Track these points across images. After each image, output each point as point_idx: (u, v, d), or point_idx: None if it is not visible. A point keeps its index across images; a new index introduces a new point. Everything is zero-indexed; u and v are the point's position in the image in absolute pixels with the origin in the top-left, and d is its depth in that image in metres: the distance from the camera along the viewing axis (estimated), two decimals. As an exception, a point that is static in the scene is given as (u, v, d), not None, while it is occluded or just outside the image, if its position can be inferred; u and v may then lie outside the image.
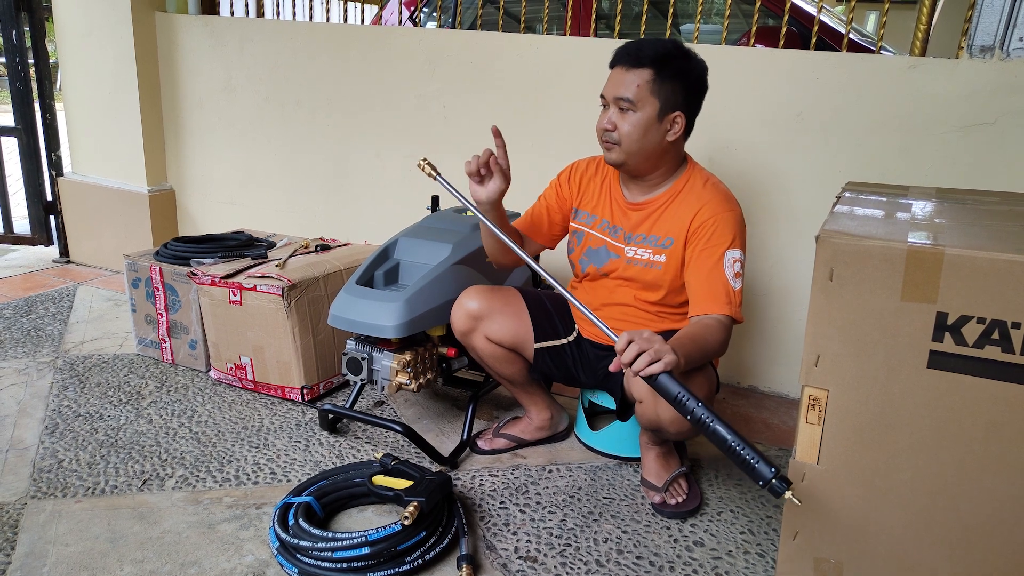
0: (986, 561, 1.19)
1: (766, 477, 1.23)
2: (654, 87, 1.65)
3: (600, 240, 1.85)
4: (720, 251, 1.66)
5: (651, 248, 1.77)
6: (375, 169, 3.05)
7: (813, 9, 3.07)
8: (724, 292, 1.64)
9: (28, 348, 2.60)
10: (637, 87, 1.64)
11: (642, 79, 1.64)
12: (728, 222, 1.68)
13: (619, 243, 1.82)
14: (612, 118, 1.69)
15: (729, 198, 1.73)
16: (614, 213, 1.84)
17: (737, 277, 1.65)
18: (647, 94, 1.65)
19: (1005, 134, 2.06)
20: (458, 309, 1.90)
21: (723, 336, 1.62)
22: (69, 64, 3.48)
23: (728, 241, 1.66)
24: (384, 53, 2.91)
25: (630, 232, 1.80)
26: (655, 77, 1.64)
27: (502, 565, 1.59)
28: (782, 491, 1.21)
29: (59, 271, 3.55)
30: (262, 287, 2.19)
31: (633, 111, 1.66)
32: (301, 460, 1.97)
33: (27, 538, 1.59)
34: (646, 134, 1.67)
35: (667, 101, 1.66)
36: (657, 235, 1.76)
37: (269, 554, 1.57)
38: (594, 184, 1.88)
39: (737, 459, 1.27)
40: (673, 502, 1.80)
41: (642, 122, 1.66)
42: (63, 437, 2.02)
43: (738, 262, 1.66)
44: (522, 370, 1.98)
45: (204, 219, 3.52)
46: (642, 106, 1.66)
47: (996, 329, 1.09)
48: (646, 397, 1.62)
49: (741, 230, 1.70)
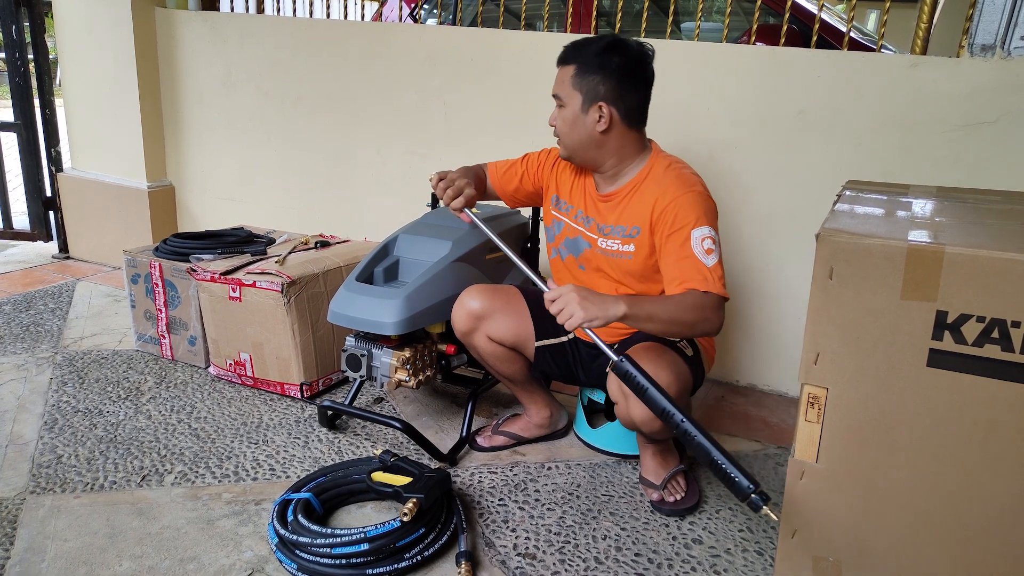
0: (985, 559, 1.19)
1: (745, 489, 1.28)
2: (576, 81, 1.71)
3: (576, 230, 1.88)
4: (685, 233, 1.64)
5: (620, 238, 1.78)
6: (375, 166, 3.04)
7: (814, 7, 3.07)
8: (696, 271, 1.61)
9: (27, 344, 2.60)
10: (563, 83, 1.73)
11: (567, 75, 1.72)
12: (688, 203, 1.66)
13: (592, 233, 1.84)
14: (554, 115, 1.78)
15: (688, 180, 1.72)
16: (587, 204, 1.86)
17: (709, 253, 1.62)
18: (571, 88, 1.71)
19: (1006, 133, 2.06)
20: (459, 309, 1.90)
21: (703, 309, 1.57)
22: (69, 60, 3.47)
23: (692, 221, 1.64)
24: (384, 50, 2.90)
25: (601, 223, 1.82)
26: (577, 71, 1.71)
27: (501, 562, 1.59)
28: (762, 505, 1.26)
29: (58, 267, 3.55)
30: (262, 283, 2.18)
31: (563, 106, 1.74)
32: (300, 456, 1.97)
33: (26, 533, 1.59)
34: (574, 127, 1.74)
35: (588, 93, 1.70)
36: (624, 225, 1.77)
37: (268, 550, 1.57)
38: (571, 174, 1.91)
39: (716, 470, 1.32)
40: (671, 500, 1.80)
41: (569, 116, 1.73)
42: (62, 433, 2.02)
43: (707, 239, 1.63)
44: (523, 369, 1.98)
45: (204, 215, 3.52)
46: (568, 101, 1.73)
47: (996, 328, 1.09)
48: (619, 398, 1.64)
49: (706, 208, 1.67)
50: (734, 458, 1.31)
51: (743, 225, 2.45)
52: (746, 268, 2.48)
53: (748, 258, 2.47)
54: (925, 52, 2.20)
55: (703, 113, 2.42)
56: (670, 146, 2.48)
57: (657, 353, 1.66)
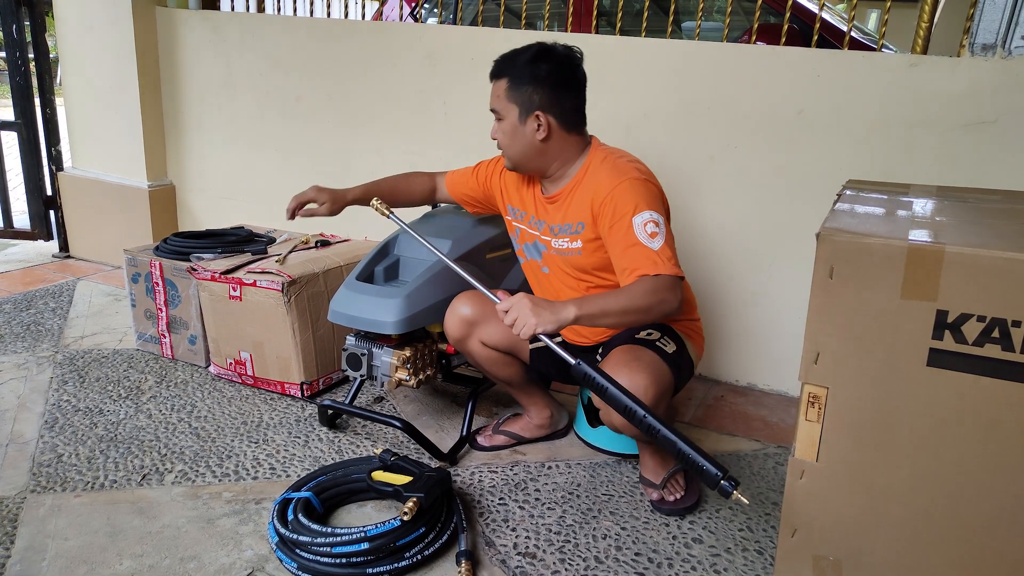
0: (985, 559, 1.19)
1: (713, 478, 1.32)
2: (510, 94, 1.73)
3: (532, 235, 1.91)
4: (627, 221, 1.63)
5: (567, 236, 1.80)
6: (375, 165, 3.04)
7: (815, 7, 3.07)
8: (644, 256, 1.60)
9: (28, 343, 2.60)
10: (498, 97, 1.75)
11: (500, 89, 1.75)
12: (623, 192, 1.66)
13: (546, 236, 1.86)
14: (494, 128, 1.80)
15: (622, 168, 1.71)
16: (536, 208, 1.88)
17: (653, 237, 1.61)
18: (507, 101, 1.74)
19: (1006, 132, 2.06)
20: (451, 316, 1.91)
21: (657, 292, 1.56)
22: (69, 59, 3.47)
23: (631, 209, 1.64)
24: (385, 49, 2.90)
25: (552, 223, 1.84)
26: (510, 84, 1.73)
27: (501, 561, 1.59)
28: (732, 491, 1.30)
29: (59, 266, 3.55)
30: (262, 283, 2.18)
31: (501, 120, 1.77)
32: (300, 455, 1.97)
33: (26, 532, 1.59)
34: (515, 139, 1.76)
35: (524, 104, 1.73)
36: (571, 223, 1.79)
37: (268, 549, 1.57)
38: (518, 180, 1.93)
39: (684, 460, 1.35)
40: (671, 499, 1.80)
41: (508, 129, 1.76)
42: (63, 432, 2.02)
43: (649, 223, 1.62)
44: (519, 372, 1.98)
45: (204, 214, 3.52)
46: (506, 113, 1.75)
47: (996, 327, 1.09)
48: (602, 403, 1.64)
49: (645, 193, 1.66)
50: (700, 449, 1.36)
51: (743, 224, 2.45)
52: (746, 268, 2.48)
53: (748, 258, 2.47)
54: (926, 52, 2.19)
55: (703, 112, 2.42)
56: (670, 146, 2.50)
57: (633, 356, 1.66)
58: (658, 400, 1.61)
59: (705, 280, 2.55)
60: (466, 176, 2.06)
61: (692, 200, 2.49)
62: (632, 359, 1.65)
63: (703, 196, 2.48)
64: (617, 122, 2.54)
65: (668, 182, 2.53)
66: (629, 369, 1.61)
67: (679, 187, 2.50)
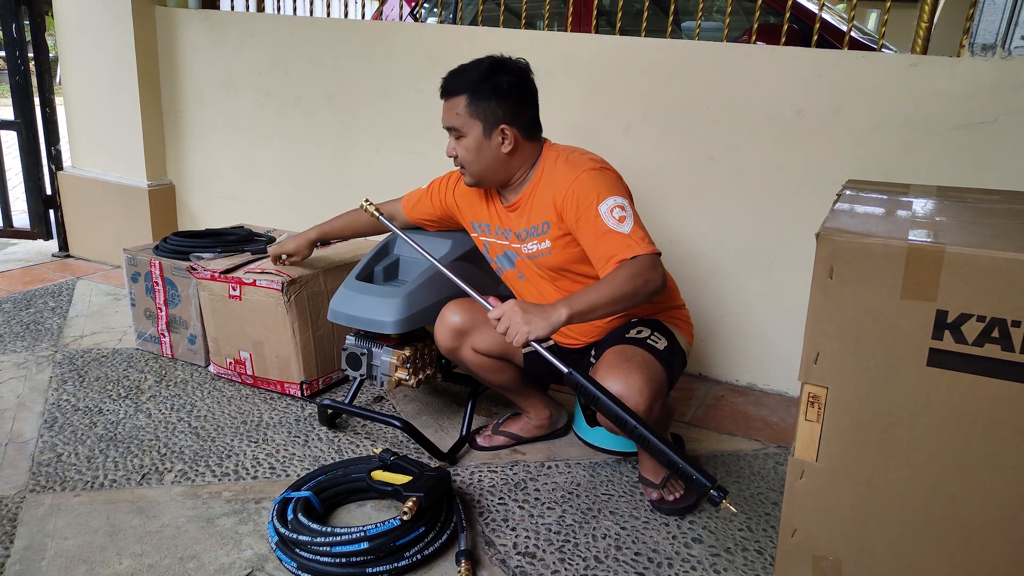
0: (985, 559, 1.19)
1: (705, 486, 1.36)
2: (471, 110, 1.72)
3: (501, 246, 1.91)
4: (592, 212, 1.64)
5: (535, 238, 1.80)
6: (375, 164, 3.04)
7: (814, 7, 3.07)
8: (617, 242, 1.61)
9: (27, 342, 2.60)
10: (456, 114, 1.73)
11: (459, 106, 1.73)
12: (583, 184, 1.67)
13: (515, 243, 1.86)
14: (452, 146, 1.78)
15: (576, 162, 1.73)
16: (501, 219, 1.89)
17: (622, 221, 1.62)
18: (468, 118, 1.73)
19: (1006, 132, 2.06)
20: (441, 326, 1.89)
21: (640, 274, 1.56)
22: (69, 58, 3.47)
23: (594, 199, 1.65)
24: (385, 49, 2.90)
25: (518, 231, 1.84)
26: (469, 101, 1.72)
27: (501, 561, 1.59)
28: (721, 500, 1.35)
29: (58, 265, 3.55)
30: (262, 282, 2.18)
31: (462, 136, 1.75)
32: (300, 455, 1.97)
33: (26, 531, 1.59)
34: (480, 153, 1.75)
35: (487, 119, 1.72)
36: (536, 224, 1.79)
37: (268, 548, 1.57)
38: (475, 195, 1.93)
39: (676, 470, 1.40)
40: (671, 498, 1.80)
41: (473, 144, 1.74)
42: (62, 431, 2.02)
43: (615, 208, 1.63)
44: (515, 376, 1.98)
45: (204, 214, 3.52)
46: (468, 130, 1.73)
47: (996, 327, 1.09)
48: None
49: (604, 182, 1.68)
50: (690, 458, 1.41)
51: (743, 224, 2.45)
52: (746, 268, 2.48)
53: (748, 258, 2.47)
54: (925, 52, 2.19)
55: (703, 112, 2.42)
56: (670, 146, 2.50)
57: (625, 357, 1.66)
58: (653, 400, 1.61)
59: (705, 280, 2.55)
60: (421, 198, 2.05)
61: (692, 200, 2.50)
62: (624, 360, 1.64)
63: (703, 196, 2.48)
64: (617, 122, 2.54)
65: (668, 182, 2.54)
66: (623, 371, 1.61)
67: (679, 187, 2.50)
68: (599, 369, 1.65)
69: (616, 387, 1.58)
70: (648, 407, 1.59)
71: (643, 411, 1.57)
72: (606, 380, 1.59)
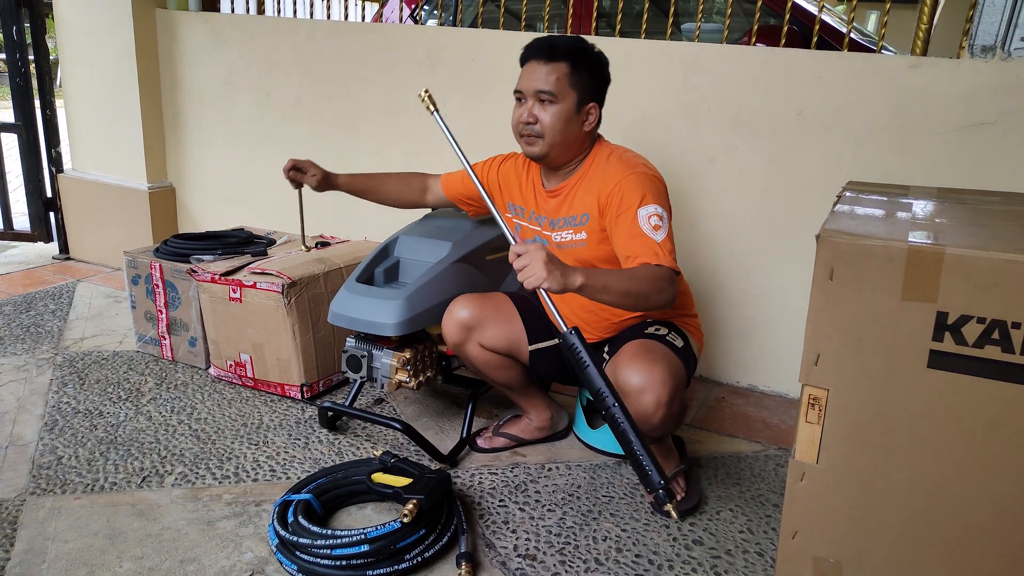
0: (985, 561, 1.19)
1: (654, 485, 1.36)
2: (572, 79, 1.71)
3: (532, 231, 1.91)
4: (632, 212, 1.65)
5: (571, 228, 1.80)
6: (375, 166, 3.04)
7: (814, 8, 3.07)
8: (646, 246, 1.62)
9: (28, 344, 2.60)
10: (556, 79, 1.70)
11: (560, 72, 1.70)
12: (632, 184, 1.68)
13: (547, 230, 1.86)
14: (533, 111, 1.73)
15: (630, 163, 1.74)
16: (537, 203, 1.88)
17: (656, 229, 1.63)
18: (566, 86, 1.71)
19: (1006, 134, 2.06)
20: (449, 320, 1.89)
21: (657, 281, 1.57)
22: (69, 60, 3.47)
23: (637, 201, 1.66)
24: (385, 50, 2.90)
25: (553, 218, 1.84)
26: (571, 70, 1.70)
27: (501, 563, 1.59)
28: (666, 502, 1.36)
29: (59, 267, 3.55)
30: (262, 284, 2.18)
31: (553, 103, 1.71)
32: (300, 457, 1.97)
33: (26, 534, 1.59)
34: (567, 125, 1.73)
35: (583, 93, 1.72)
36: (575, 215, 1.79)
37: (268, 551, 1.57)
38: (519, 177, 1.93)
39: (633, 459, 1.39)
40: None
41: (563, 113, 1.71)
42: (62, 434, 2.02)
43: (653, 215, 1.65)
44: (519, 375, 1.97)
45: (204, 216, 3.52)
46: (562, 98, 1.71)
47: (996, 329, 1.09)
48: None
49: (651, 187, 1.69)
50: (652, 453, 1.39)
51: (743, 226, 2.45)
52: (746, 269, 2.48)
53: (748, 259, 2.47)
54: (925, 53, 2.20)
55: (703, 114, 2.42)
56: (670, 148, 2.50)
57: (648, 349, 1.68)
58: (674, 393, 1.62)
59: (705, 281, 2.55)
60: (462, 175, 2.04)
61: (692, 202, 2.50)
62: (647, 351, 1.66)
63: (703, 198, 2.48)
64: (617, 124, 2.53)
65: (668, 184, 2.53)
66: (647, 362, 1.62)
67: (679, 189, 2.50)
68: (621, 359, 1.66)
69: (639, 377, 1.59)
70: (670, 399, 1.60)
71: (665, 403, 1.59)
72: (629, 369, 1.61)
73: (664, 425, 1.64)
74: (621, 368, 1.63)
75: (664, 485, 1.35)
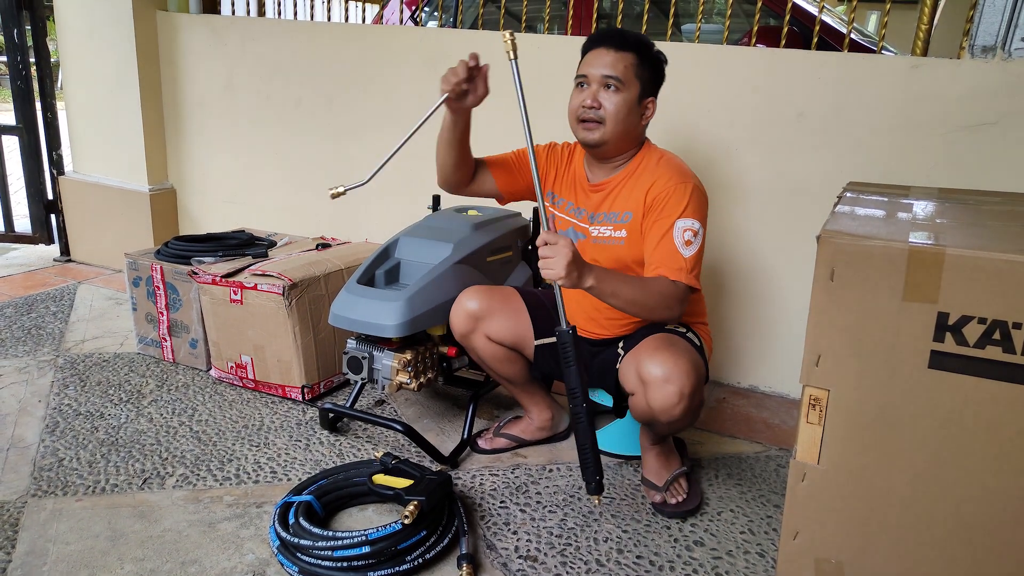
0: (986, 561, 1.18)
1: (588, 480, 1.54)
2: (637, 70, 1.71)
3: (567, 222, 1.89)
4: (671, 221, 1.67)
5: (611, 224, 1.80)
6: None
7: (814, 9, 3.07)
8: (672, 258, 1.64)
9: (29, 347, 2.60)
10: (625, 68, 1.70)
11: (628, 61, 1.70)
12: (680, 193, 1.69)
13: (584, 223, 1.85)
14: (598, 96, 1.71)
15: (682, 171, 1.75)
16: (578, 195, 1.88)
17: (687, 245, 1.65)
18: (632, 76, 1.71)
19: (1007, 134, 2.06)
20: (457, 310, 1.90)
21: (668, 298, 1.61)
22: (70, 63, 3.48)
23: (679, 211, 1.67)
24: (385, 52, 2.91)
25: (593, 212, 1.84)
26: (638, 60, 1.71)
27: (502, 564, 1.59)
28: (595, 493, 1.55)
29: (60, 270, 3.55)
30: (263, 286, 2.19)
31: (619, 90, 1.71)
32: (301, 459, 1.97)
33: (27, 536, 1.59)
34: (629, 115, 1.72)
35: (645, 85, 1.73)
36: (617, 211, 1.79)
37: (269, 553, 1.57)
38: (564, 166, 1.92)
39: (583, 454, 1.54)
40: (673, 501, 1.80)
41: (627, 102, 1.71)
42: (64, 435, 2.02)
43: (688, 231, 1.66)
44: (523, 370, 1.97)
45: (205, 218, 3.52)
46: (628, 86, 1.71)
47: (997, 329, 1.09)
48: (636, 388, 1.64)
49: (696, 201, 1.70)
50: (598, 455, 1.55)
51: (744, 227, 2.45)
52: (747, 270, 2.48)
53: (749, 260, 2.47)
54: (926, 53, 2.20)
55: (703, 115, 2.42)
56: (670, 148, 2.49)
57: (671, 343, 1.68)
58: (696, 386, 1.63)
59: (706, 282, 2.54)
60: (507, 161, 1.96)
61: (692, 202, 2.49)
62: (670, 344, 1.66)
63: (703, 198, 2.48)
64: (617, 125, 2.54)
65: (668, 184, 2.54)
66: (671, 354, 1.62)
67: (679, 189, 2.50)
68: (643, 350, 1.66)
69: (662, 368, 1.59)
70: (692, 391, 1.60)
71: (688, 395, 1.59)
72: (652, 360, 1.61)
73: (684, 418, 1.63)
74: (644, 359, 1.63)
75: (598, 481, 1.54)
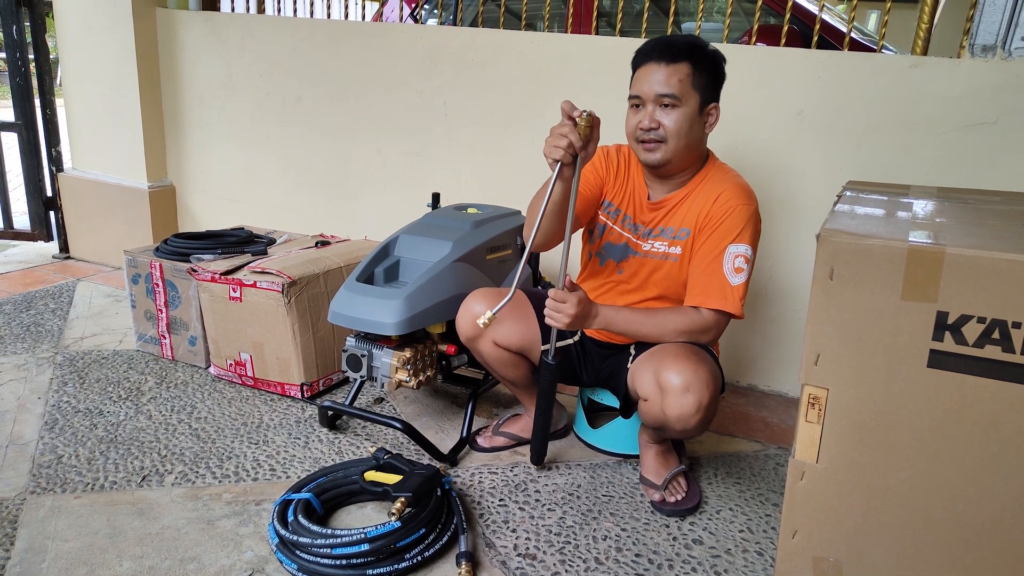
0: (985, 560, 1.19)
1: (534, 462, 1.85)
2: (694, 80, 1.63)
3: (621, 236, 1.83)
4: (724, 244, 1.64)
5: (667, 240, 1.76)
6: (376, 165, 3.04)
7: (815, 8, 3.07)
8: (718, 286, 1.63)
9: (28, 344, 2.60)
10: (679, 82, 1.62)
11: (682, 73, 1.62)
12: (740, 215, 1.65)
13: (638, 239, 1.80)
14: (655, 116, 1.64)
15: (747, 192, 1.70)
16: (636, 210, 1.81)
17: (738, 272, 1.63)
18: (689, 88, 1.63)
19: (1006, 133, 2.06)
20: (465, 315, 1.86)
21: (695, 330, 1.67)
22: (69, 59, 3.47)
23: (735, 234, 1.64)
24: (385, 50, 2.90)
25: (649, 228, 1.79)
26: (693, 71, 1.63)
27: (501, 562, 1.59)
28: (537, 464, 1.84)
29: (59, 267, 3.55)
30: (262, 283, 2.18)
31: (676, 107, 1.63)
32: (300, 457, 1.97)
33: (26, 533, 1.59)
34: (691, 129, 1.65)
35: (705, 93, 1.65)
36: (673, 227, 1.75)
37: (268, 550, 1.57)
38: (621, 175, 1.83)
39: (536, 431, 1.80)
40: (672, 500, 1.80)
41: (688, 117, 1.64)
42: (62, 433, 2.02)
43: (741, 257, 1.64)
44: (526, 373, 1.97)
45: (204, 215, 3.52)
46: (686, 100, 1.63)
47: (996, 329, 1.09)
48: (652, 395, 1.63)
49: (753, 225, 1.67)
50: (547, 441, 1.86)
51: (743, 225, 2.45)
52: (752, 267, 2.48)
53: (748, 258, 2.47)
54: (926, 52, 2.20)
55: (704, 113, 2.42)
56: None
57: (692, 351, 1.65)
58: (714, 395, 1.62)
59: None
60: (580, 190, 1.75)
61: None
62: (691, 352, 1.64)
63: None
64: (617, 124, 2.54)
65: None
66: (692, 362, 1.60)
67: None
68: (664, 357, 1.63)
69: (682, 377, 1.57)
70: (709, 403, 1.59)
71: (706, 405, 1.58)
72: (672, 368, 1.59)
73: (698, 428, 1.62)
74: (664, 366, 1.60)
75: (539, 460, 1.85)
